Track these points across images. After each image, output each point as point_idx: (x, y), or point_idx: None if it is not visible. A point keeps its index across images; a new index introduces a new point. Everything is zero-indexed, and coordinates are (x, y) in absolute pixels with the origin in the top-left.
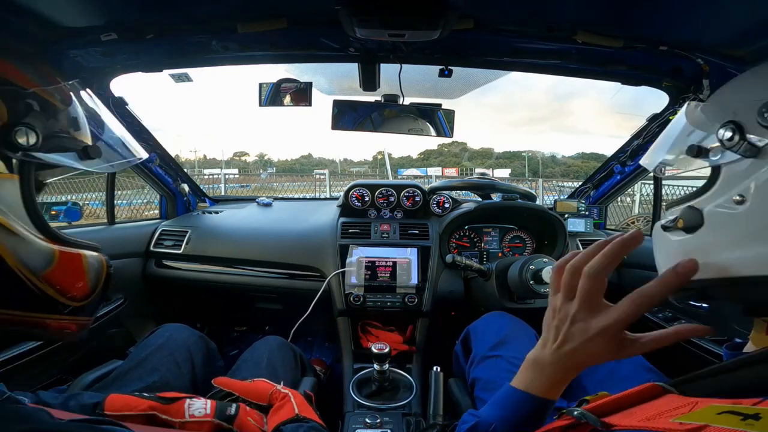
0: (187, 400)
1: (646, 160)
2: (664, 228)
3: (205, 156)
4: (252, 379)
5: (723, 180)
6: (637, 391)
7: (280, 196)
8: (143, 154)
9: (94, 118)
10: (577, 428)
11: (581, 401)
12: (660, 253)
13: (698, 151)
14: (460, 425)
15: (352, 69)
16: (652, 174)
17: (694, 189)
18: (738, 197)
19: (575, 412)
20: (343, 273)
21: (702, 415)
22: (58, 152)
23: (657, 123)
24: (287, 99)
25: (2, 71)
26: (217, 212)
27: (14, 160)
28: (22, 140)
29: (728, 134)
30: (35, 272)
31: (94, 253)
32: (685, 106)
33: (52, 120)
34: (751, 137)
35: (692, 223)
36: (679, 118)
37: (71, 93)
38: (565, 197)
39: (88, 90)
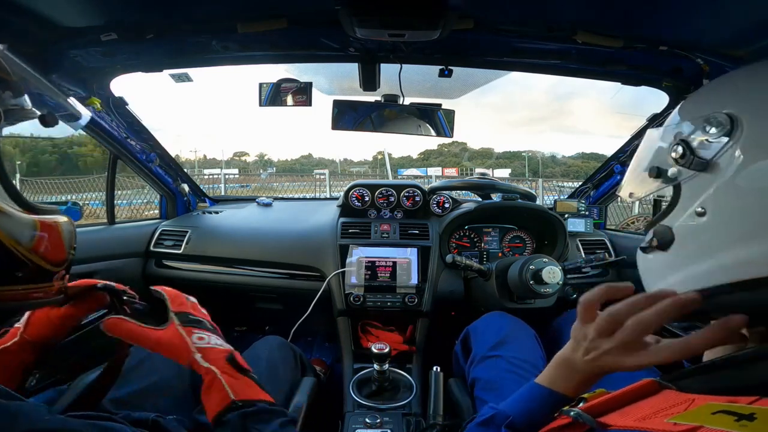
0: None
1: (621, 192)
2: (643, 249)
3: (205, 156)
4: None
5: (684, 196)
6: (633, 389)
7: (280, 196)
8: (86, 113)
9: (35, 85)
10: (574, 428)
11: (579, 399)
12: (644, 275)
13: (658, 173)
14: (478, 416)
15: (352, 69)
16: None
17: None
18: (699, 209)
19: (572, 413)
20: (343, 273)
21: (696, 415)
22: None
23: (657, 123)
24: (287, 99)
25: None
26: (217, 212)
27: None
28: None
29: (679, 151)
30: (26, 246)
31: (64, 219)
32: (647, 132)
33: (8, 93)
34: (699, 152)
35: (665, 240)
36: (642, 145)
37: (9, 63)
38: (565, 197)
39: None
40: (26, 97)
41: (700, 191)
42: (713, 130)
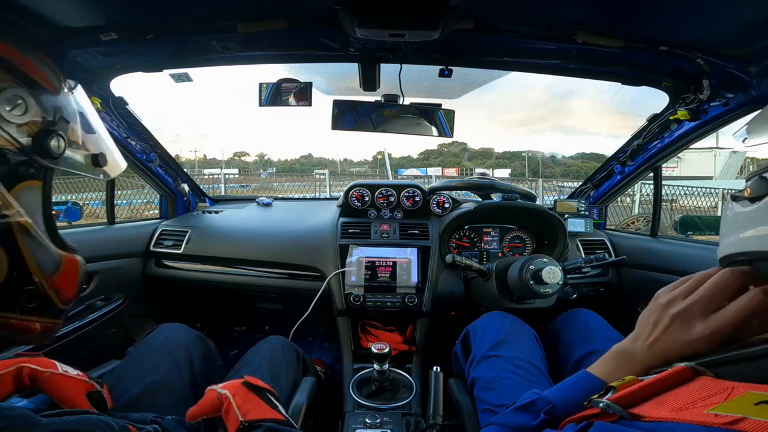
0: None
1: (737, 134)
2: (733, 197)
3: (205, 156)
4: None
5: None
6: (666, 376)
7: (280, 196)
8: (123, 164)
9: (95, 123)
10: (602, 417)
11: (609, 388)
12: (724, 223)
13: None
14: (519, 400)
15: (352, 69)
16: (652, 174)
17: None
18: None
19: (601, 404)
20: (343, 273)
21: (739, 405)
22: (75, 160)
23: (657, 123)
24: (287, 99)
25: (37, 76)
26: (217, 212)
27: (40, 167)
28: (54, 146)
29: None
30: (48, 278)
31: (80, 258)
32: None
33: (75, 126)
34: None
35: (759, 192)
36: None
37: (76, 95)
38: (565, 197)
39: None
40: (90, 132)
41: None
42: None
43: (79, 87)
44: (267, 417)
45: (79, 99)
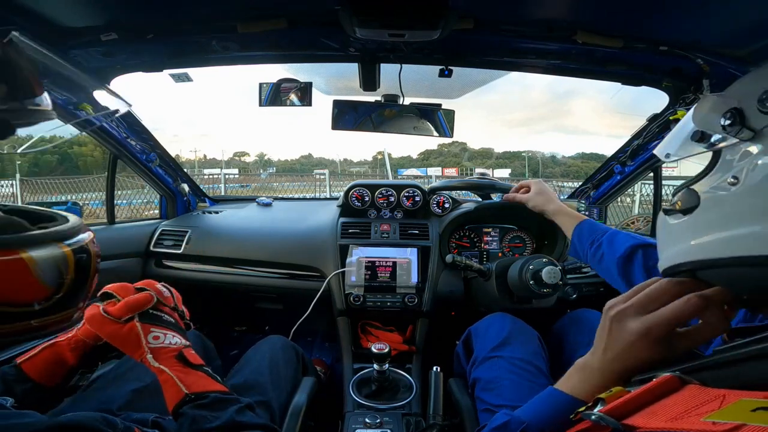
0: None
1: (658, 150)
2: (665, 211)
3: (205, 156)
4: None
5: (720, 164)
6: (654, 386)
7: (280, 196)
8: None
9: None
10: (594, 430)
11: (597, 400)
12: (660, 235)
13: (701, 137)
14: (491, 422)
15: (352, 69)
16: (652, 174)
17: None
18: (732, 179)
19: (592, 417)
20: (343, 273)
21: (735, 412)
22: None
23: (657, 123)
24: (287, 99)
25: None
26: (217, 212)
27: None
28: None
29: (728, 120)
30: None
31: (44, 250)
32: (702, 97)
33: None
34: (750, 122)
35: (689, 204)
36: (693, 109)
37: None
38: (565, 197)
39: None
40: (45, 97)
41: (738, 161)
42: None
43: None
44: (214, 389)
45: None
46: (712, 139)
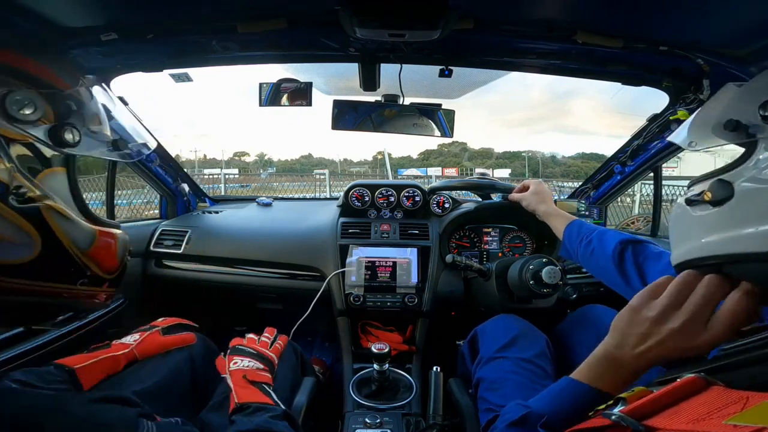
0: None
1: (679, 138)
2: (689, 202)
3: (205, 156)
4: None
5: (758, 154)
6: (677, 387)
7: (280, 196)
8: (152, 143)
9: (109, 112)
10: (614, 429)
11: (618, 399)
12: (678, 228)
13: (735, 126)
14: (502, 416)
15: (352, 69)
16: (652, 174)
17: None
18: None
19: (613, 416)
20: (343, 273)
21: (758, 415)
22: (94, 146)
23: (657, 123)
24: (287, 99)
25: (44, 76)
26: (217, 212)
27: (61, 155)
28: (69, 137)
29: None
30: (83, 251)
31: (119, 231)
32: (724, 87)
33: (87, 117)
34: None
35: (721, 195)
36: (717, 98)
37: (90, 90)
38: (565, 197)
39: (103, 84)
40: (101, 121)
41: None
42: None
43: (95, 82)
44: (260, 401)
45: (95, 92)
46: (749, 129)
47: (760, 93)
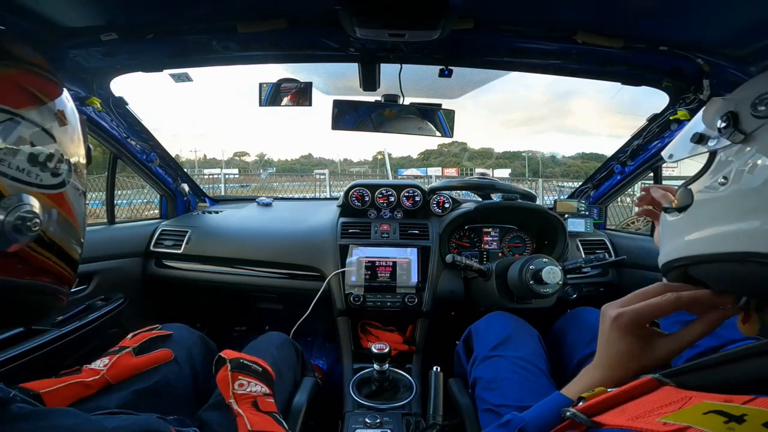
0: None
1: (664, 152)
2: (665, 210)
3: (205, 156)
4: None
5: (715, 165)
6: (632, 387)
7: (280, 195)
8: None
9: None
10: (573, 427)
11: (579, 399)
12: (662, 232)
13: (700, 138)
14: (498, 421)
15: (352, 69)
16: (652, 174)
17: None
18: (722, 179)
19: (568, 413)
20: (343, 273)
21: (688, 414)
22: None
23: (657, 123)
24: (287, 99)
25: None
26: (217, 212)
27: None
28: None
29: (724, 123)
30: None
31: None
32: (709, 101)
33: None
34: (743, 126)
35: (684, 203)
36: (698, 114)
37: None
38: (565, 197)
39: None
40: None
41: (729, 162)
42: (762, 108)
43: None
44: (269, 429)
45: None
46: (709, 142)
47: (724, 107)
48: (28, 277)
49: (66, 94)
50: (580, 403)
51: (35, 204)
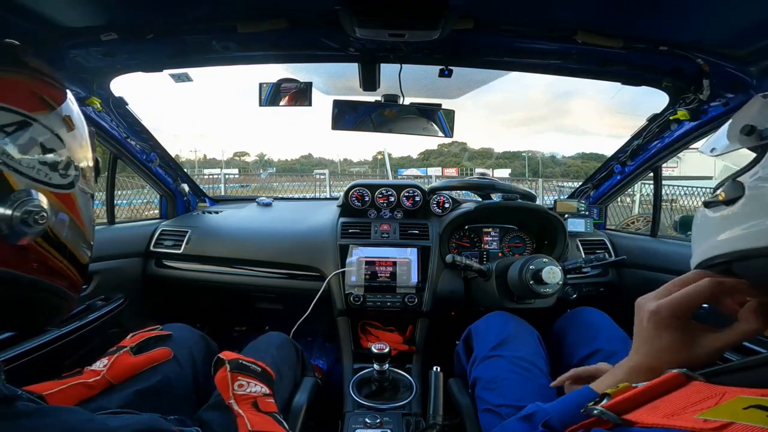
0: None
1: (704, 146)
2: (706, 204)
3: (205, 156)
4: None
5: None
6: (659, 383)
7: (280, 196)
8: None
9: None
10: (599, 425)
11: (604, 395)
12: (697, 230)
13: (750, 130)
14: (521, 412)
15: (352, 69)
16: (652, 174)
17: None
18: None
19: (595, 411)
20: (343, 273)
21: (728, 410)
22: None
23: (657, 123)
24: (287, 99)
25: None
26: (217, 212)
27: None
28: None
29: None
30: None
31: None
32: (752, 98)
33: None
34: None
35: (733, 195)
36: (743, 109)
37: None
38: (565, 197)
39: None
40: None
41: None
42: None
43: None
44: (270, 430)
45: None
46: (763, 133)
47: None
48: (42, 276)
49: (72, 99)
50: (605, 400)
51: (43, 200)
